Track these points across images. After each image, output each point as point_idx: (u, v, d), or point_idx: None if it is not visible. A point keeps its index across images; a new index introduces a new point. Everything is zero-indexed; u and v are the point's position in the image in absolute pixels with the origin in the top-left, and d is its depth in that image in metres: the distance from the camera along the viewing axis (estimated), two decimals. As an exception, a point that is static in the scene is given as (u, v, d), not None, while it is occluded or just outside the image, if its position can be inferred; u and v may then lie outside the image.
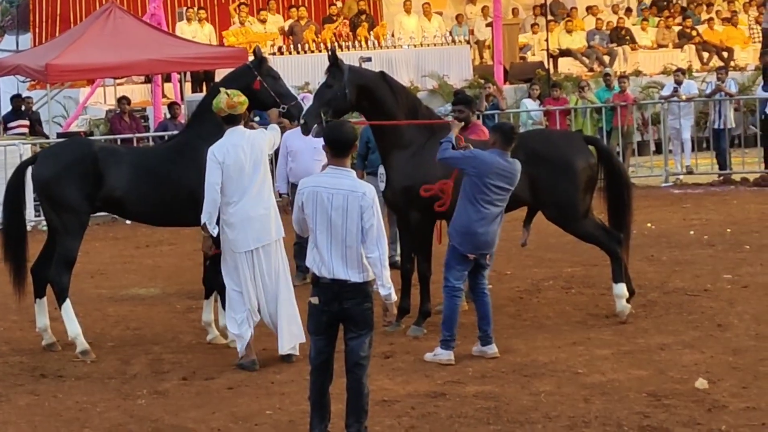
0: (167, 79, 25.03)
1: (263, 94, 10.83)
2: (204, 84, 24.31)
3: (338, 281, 7.73)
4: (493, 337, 10.32)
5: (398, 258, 12.63)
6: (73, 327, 10.81)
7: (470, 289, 10.57)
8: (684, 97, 21.93)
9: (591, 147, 11.82)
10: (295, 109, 11.15)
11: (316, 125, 10.90)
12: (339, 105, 11.19)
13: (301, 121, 11.11)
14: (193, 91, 24.55)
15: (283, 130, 13.14)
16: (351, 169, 7.94)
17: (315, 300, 7.80)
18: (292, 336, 10.22)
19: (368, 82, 11.39)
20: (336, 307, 7.74)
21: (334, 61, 11.26)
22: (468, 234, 10.11)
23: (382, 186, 11.54)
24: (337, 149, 7.81)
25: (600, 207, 11.74)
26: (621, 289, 11.35)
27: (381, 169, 11.81)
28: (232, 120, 10.16)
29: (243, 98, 10.18)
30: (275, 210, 10.28)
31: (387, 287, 7.84)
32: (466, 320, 10.85)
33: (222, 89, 10.23)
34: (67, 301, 10.81)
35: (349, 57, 20.03)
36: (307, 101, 12.51)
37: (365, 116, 11.81)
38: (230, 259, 10.21)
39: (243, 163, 10.01)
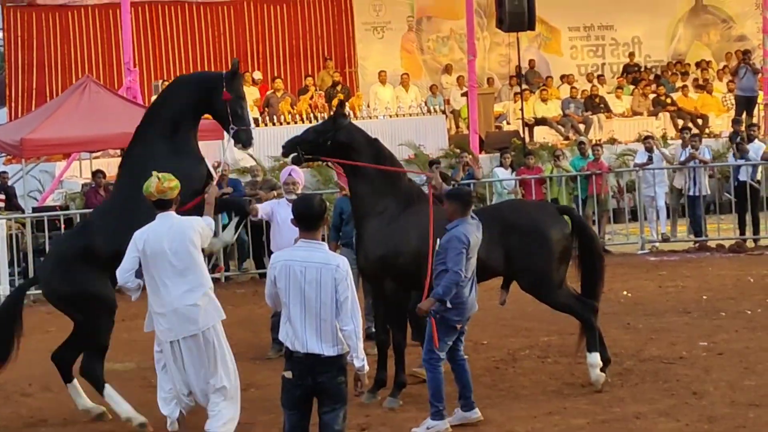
0: (143, 152, 24.96)
1: (221, 107, 10.60)
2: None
3: (312, 355, 7.70)
4: (474, 401, 10.32)
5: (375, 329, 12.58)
6: (124, 408, 10.92)
7: (449, 359, 10.54)
8: (663, 162, 22.08)
9: (565, 217, 11.88)
10: (243, 134, 10.96)
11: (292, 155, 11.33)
12: (317, 150, 11.38)
13: (283, 146, 11.36)
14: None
15: (259, 201, 13.05)
16: (323, 241, 7.95)
17: (288, 374, 7.78)
18: (230, 420, 9.64)
19: (354, 143, 11.41)
20: (310, 381, 7.71)
21: (338, 113, 11.42)
22: (460, 303, 10.13)
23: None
24: (306, 223, 7.82)
25: (571, 275, 11.75)
26: (595, 358, 11.34)
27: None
28: (163, 205, 9.59)
29: (175, 182, 9.60)
30: (209, 297, 9.64)
31: (361, 359, 7.84)
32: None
33: (154, 172, 9.65)
34: (107, 386, 10.92)
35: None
36: (294, 174, 12.57)
37: (345, 172, 11.86)
38: (158, 344, 10.02)
39: (164, 254, 9.44)
